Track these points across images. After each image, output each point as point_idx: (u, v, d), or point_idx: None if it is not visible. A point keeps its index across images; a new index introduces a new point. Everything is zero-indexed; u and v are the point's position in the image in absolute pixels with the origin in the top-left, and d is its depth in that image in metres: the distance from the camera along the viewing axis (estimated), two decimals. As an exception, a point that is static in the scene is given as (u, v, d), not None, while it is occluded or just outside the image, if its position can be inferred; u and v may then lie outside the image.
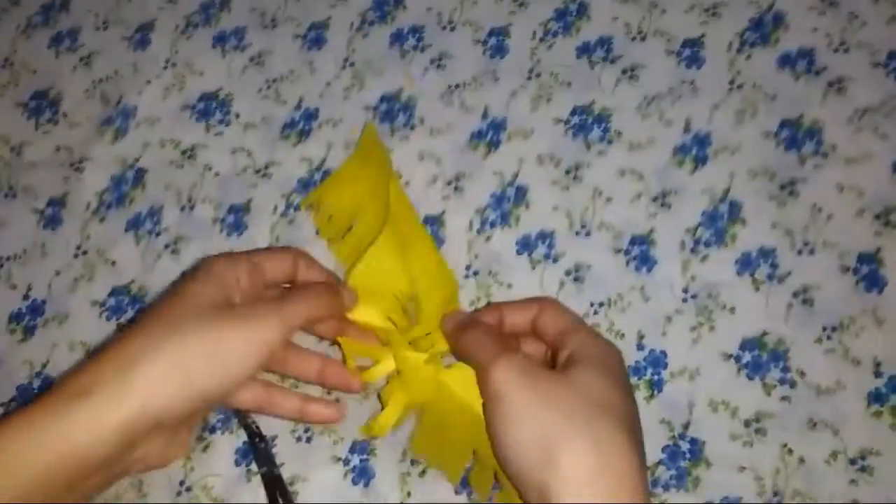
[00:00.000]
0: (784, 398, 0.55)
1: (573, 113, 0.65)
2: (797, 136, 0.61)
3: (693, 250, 0.59)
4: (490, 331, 0.52)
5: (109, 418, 0.46)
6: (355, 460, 0.57)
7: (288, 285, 0.59)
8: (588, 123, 0.64)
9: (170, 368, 0.47)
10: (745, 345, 0.56)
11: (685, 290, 0.58)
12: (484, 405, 0.49)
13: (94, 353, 0.51)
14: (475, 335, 0.51)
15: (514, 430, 0.45)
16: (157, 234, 0.67)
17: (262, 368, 0.53)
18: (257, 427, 0.59)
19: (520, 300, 0.55)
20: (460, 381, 0.53)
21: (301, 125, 0.69)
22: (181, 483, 0.58)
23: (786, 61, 0.64)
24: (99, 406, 0.46)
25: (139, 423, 0.47)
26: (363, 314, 0.57)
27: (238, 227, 0.66)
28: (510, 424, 0.46)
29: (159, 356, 0.47)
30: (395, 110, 0.68)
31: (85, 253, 0.68)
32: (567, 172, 0.63)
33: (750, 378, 0.55)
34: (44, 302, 0.67)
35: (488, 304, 0.60)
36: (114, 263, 0.67)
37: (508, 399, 0.46)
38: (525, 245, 0.61)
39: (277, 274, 0.57)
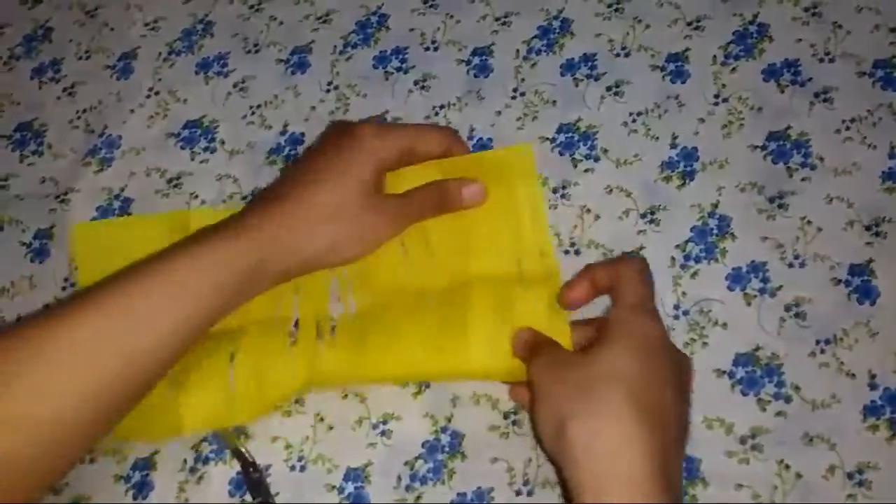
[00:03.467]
0: (779, 413, 0.54)
1: (559, 131, 0.65)
2: (784, 148, 0.61)
3: (683, 266, 0.59)
4: (536, 335, 0.55)
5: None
6: (350, 488, 0.57)
7: None
8: (574, 141, 0.64)
9: (326, 250, 0.56)
10: (739, 360, 0.56)
11: (676, 307, 0.58)
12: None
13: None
14: (521, 337, 0.55)
15: (537, 408, 0.50)
16: (145, 265, 0.67)
17: None
18: (251, 457, 0.58)
19: (610, 260, 0.60)
20: None
21: (287, 150, 0.69)
22: (175, 516, 0.58)
23: (771, 73, 0.64)
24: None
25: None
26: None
27: (226, 255, 0.66)
28: (537, 405, 0.50)
29: (318, 239, 0.56)
30: (380, 133, 0.67)
31: (73, 285, 0.67)
32: (555, 191, 0.63)
33: (744, 394, 0.55)
34: (33, 336, 0.66)
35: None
36: (102, 295, 0.66)
37: (536, 384, 0.51)
38: (516, 265, 0.61)
39: (430, 153, 0.60)
